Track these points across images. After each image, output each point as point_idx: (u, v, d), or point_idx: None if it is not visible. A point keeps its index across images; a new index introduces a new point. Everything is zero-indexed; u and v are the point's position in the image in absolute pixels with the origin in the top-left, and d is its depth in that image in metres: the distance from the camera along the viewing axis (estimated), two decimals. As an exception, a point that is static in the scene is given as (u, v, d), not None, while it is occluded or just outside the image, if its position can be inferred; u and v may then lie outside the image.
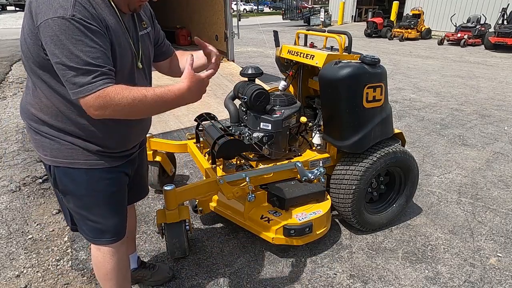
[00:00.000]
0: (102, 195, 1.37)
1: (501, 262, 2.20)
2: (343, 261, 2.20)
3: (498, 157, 3.72)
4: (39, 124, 1.29)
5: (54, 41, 1.05)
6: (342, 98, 2.10)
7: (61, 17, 1.04)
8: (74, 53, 1.05)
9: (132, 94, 1.12)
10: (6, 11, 27.38)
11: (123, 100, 1.10)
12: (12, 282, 2.03)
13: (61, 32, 1.04)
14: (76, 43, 1.05)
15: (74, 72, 1.07)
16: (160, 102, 1.17)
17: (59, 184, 1.35)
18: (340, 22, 20.71)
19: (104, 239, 1.44)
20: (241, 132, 2.32)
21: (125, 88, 1.12)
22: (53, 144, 1.29)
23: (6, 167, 3.39)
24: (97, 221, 1.41)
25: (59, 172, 1.32)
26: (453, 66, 8.98)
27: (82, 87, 1.07)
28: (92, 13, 1.10)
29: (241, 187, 2.09)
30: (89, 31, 1.08)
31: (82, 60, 1.06)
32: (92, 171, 1.32)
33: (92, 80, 1.07)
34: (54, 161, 1.30)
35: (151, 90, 1.16)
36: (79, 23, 1.06)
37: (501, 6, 13.12)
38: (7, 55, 9.64)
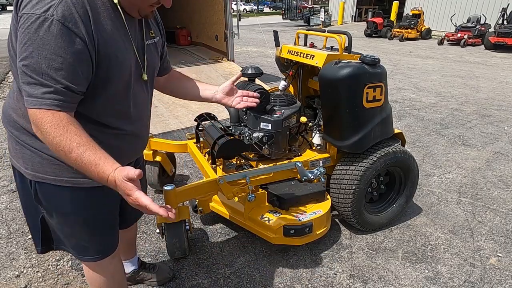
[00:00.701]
0: (89, 214, 1.26)
1: (501, 262, 2.21)
2: (343, 261, 2.20)
3: (498, 157, 3.72)
4: (20, 133, 1.15)
5: (21, 39, 0.94)
6: (342, 98, 2.10)
7: (38, 15, 0.93)
8: (36, 58, 0.93)
9: (60, 139, 0.96)
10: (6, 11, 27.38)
11: (49, 136, 0.96)
12: (12, 282, 2.02)
13: (32, 32, 0.93)
14: (43, 47, 0.93)
15: (29, 79, 0.95)
16: (80, 167, 0.98)
17: (42, 200, 1.22)
18: (340, 22, 20.70)
19: (89, 256, 1.35)
20: (241, 132, 2.32)
21: (60, 126, 0.96)
22: (35, 157, 1.15)
23: (6, 167, 3.39)
24: (82, 238, 1.31)
25: (42, 188, 1.19)
26: (453, 66, 8.98)
27: (29, 97, 0.96)
28: (77, 15, 0.96)
29: (241, 187, 2.09)
30: (65, 38, 0.94)
31: (41, 69, 0.94)
32: (78, 190, 1.19)
33: (41, 94, 0.95)
34: (35, 175, 1.17)
35: (81, 149, 0.96)
36: (55, 25, 0.93)
37: (501, 6, 13.11)
38: (7, 55, 9.62)
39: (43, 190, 1.19)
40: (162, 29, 1.39)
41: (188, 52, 7.55)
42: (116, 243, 1.43)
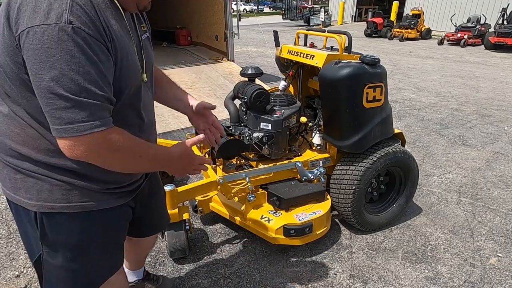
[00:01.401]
0: (99, 239, 1.15)
1: (501, 262, 2.20)
2: (343, 261, 2.20)
3: (498, 157, 3.72)
4: (21, 161, 0.99)
5: (39, 58, 0.79)
6: (342, 98, 2.10)
7: (53, 24, 0.78)
8: (68, 76, 0.80)
9: (137, 147, 0.95)
10: (6, 11, 27.34)
11: (127, 148, 0.91)
12: (12, 282, 2.02)
13: (52, 45, 0.78)
14: (71, 62, 0.80)
15: (63, 103, 0.81)
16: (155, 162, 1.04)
17: (50, 235, 1.05)
18: (340, 22, 20.70)
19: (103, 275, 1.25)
20: (241, 132, 2.32)
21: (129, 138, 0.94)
22: (41, 184, 1.00)
23: (6, 167, 3.39)
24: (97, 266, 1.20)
25: (51, 219, 1.03)
26: (453, 66, 8.98)
27: (70, 125, 0.82)
28: (93, 17, 0.85)
29: (241, 187, 2.09)
30: (89, 47, 0.82)
31: (78, 86, 0.81)
32: (89, 214, 1.07)
33: (86, 117, 0.83)
34: (42, 206, 1.01)
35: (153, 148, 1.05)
36: (77, 34, 0.80)
37: (501, 6, 13.11)
38: (7, 55, 9.63)
39: (52, 221, 1.04)
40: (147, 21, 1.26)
41: (188, 52, 7.56)
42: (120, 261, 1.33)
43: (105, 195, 1.09)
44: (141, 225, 1.45)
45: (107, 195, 1.10)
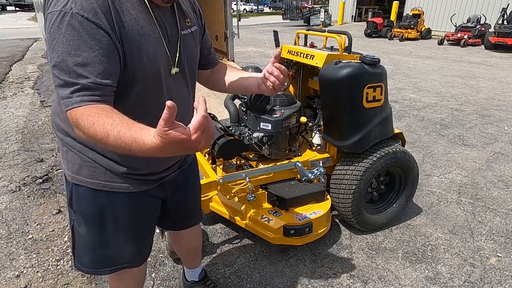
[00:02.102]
0: (121, 220, 1.21)
1: (501, 262, 2.20)
2: (343, 261, 2.20)
3: (498, 157, 3.72)
4: (64, 135, 1.15)
5: (48, 39, 0.90)
6: (342, 98, 2.10)
7: (58, 12, 0.88)
8: (61, 57, 0.89)
9: (94, 127, 0.87)
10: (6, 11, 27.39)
11: (86, 129, 0.89)
12: (12, 282, 2.02)
13: (55, 29, 0.88)
14: (67, 44, 0.88)
15: (58, 80, 0.91)
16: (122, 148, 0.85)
17: (75, 204, 1.19)
18: (340, 22, 20.71)
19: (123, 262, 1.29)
20: (241, 132, 2.32)
21: (91, 115, 0.88)
22: (76, 158, 1.14)
23: (6, 167, 3.39)
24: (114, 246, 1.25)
25: (77, 190, 1.17)
26: (453, 66, 8.98)
27: (62, 100, 0.92)
28: (96, 6, 0.91)
29: (241, 187, 2.09)
30: (86, 31, 0.89)
31: (67, 67, 0.89)
32: (113, 194, 1.16)
33: (70, 94, 0.90)
34: (74, 177, 1.16)
35: (116, 130, 0.84)
36: (75, 19, 0.88)
37: (501, 6, 13.12)
38: (7, 55, 9.64)
39: (79, 192, 1.17)
40: (201, 17, 1.28)
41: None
42: (144, 255, 1.37)
43: (127, 179, 1.16)
44: (175, 218, 1.48)
45: (129, 179, 1.16)
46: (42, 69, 7.98)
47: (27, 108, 5.23)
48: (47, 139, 4.08)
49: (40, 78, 7.12)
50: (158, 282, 2.03)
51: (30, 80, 7.00)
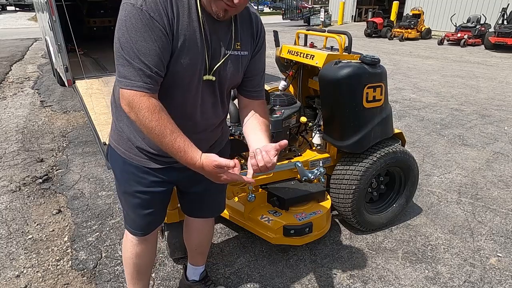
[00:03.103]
0: (129, 188, 1.39)
1: (501, 262, 2.20)
2: (343, 261, 2.20)
3: (498, 157, 3.72)
4: (114, 100, 1.34)
5: (118, 25, 1.07)
6: (342, 98, 2.10)
7: (132, 4, 1.04)
8: (130, 44, 1.05)
9: (158, 123, 1.09)
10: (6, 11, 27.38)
11: (146, 119, 1.08)
12: (12, 282, 2.03)
13: (126, 18, 1.04)
14: (135, 35, 1.05)
15: (123, 60, 1.07)
16: (172, 151, 1.13)
17: (109, 159, 1.45)
18: (340, 22, 20.70)
19: (127, 225, 1.51)
20: (241, 132, 2.32)
21: (158, 112, 1.09)
22: (113, 124, 1.37)
23: (6, 167, 3.39)
24: (123, 207, 1.49)
25: (110, 150, 1.41)
26: (453, 66, 8.98)
27: (123, 78, 1.08)
28: (163, 8, 1.06)
29: (241, 187, 2.09)
30: (150, 27, 1.05)
31: (134, 53, 1.05)
32: (127, 163, 1.34)
33: (133, 77, 1.07)
34: (109, 139, 1.41)
35: (174, 135, 1.10)
36: (144, 15, 1.04)
37: (501, 6, 13.11)
38: (7, 55, 9.64)
39: (111, 152, 1.42)
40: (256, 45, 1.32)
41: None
42: (149, 229, 1.51)
43: (142, 154, 1.31)
44: (186, 203, 1.63)
45: (143, 155, 1.32)
46: (42, 69, 7.98)
47: (27, 108, 5.23)
48: (47, 139, 4.08)
49: (40, 78, 7.12)
50: (158, 282, 2.03)
51: (30, 80, 7.00)
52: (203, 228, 1.75)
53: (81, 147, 3.84)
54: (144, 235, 1.50)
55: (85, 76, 4.93)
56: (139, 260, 1.59)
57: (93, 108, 3.84)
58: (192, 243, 1.81)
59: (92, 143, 3.94)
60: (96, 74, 5.34)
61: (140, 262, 1.59)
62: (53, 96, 5.89)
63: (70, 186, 3.06)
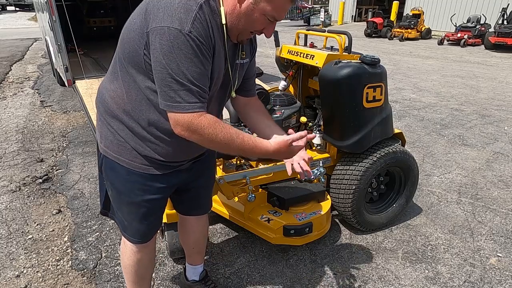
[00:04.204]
0: (135, 198, 1.36)
1: (501, 262, 2.20)
2: (343, 261, 2.20)
3: (498, 157, 3.72)
4: (105, 110, 1.30)
5: (164, 50, 1.04)
6: (342, 98, 2.10)
7: (178, 30, 1.03)
8: (181, 69, 1.05)
9: (223, 132, 1.13)
10: (6, 11, 27.39)
11: (212, 134, 1.12)
12: (12, 282, 2.03)
13: (174, 44, 1.03)
14: (186, 60, 1.05)
15: (176, 86, 1.07)
16: (243, 150, 1.19)
17: (104, 172, 1.40)
18: (340, 22, 20.70)
19: (127, 235, 1.48)
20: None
21: (218, 123, 1.13)
22: (109, 135, 1.31)
23: (6, 167, 3.39)
24: (124, 217, 1.44)
25: (106, 162, 1.35)
26: (453, 66, 8.98)
27: (179, 103, 1.08)
28: (207, 33, 1.09)
29: (241, 187, 2.09)
30: (200, 52, 1.07)
31: (187, 78, 1.06)
32: (132, 173, 1.32)
33: (190, 99, 1.08)
34: (105, 150, 1.34)
35: (241, 136, 1.16)
36: (194, 41, 1.05)
37: (501, 6, 13.11)
38: (7, 55, 9.65)
39: (107, 163, 1.36)
40: (254, 51, 1.46)
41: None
42: (152, 234, 1.52)
43: (148, 162, 1.31)
44: (187, 202, 1.63)
45: (149, 163, 1.31)
46: (42, 69, 7.98)
47: (27, 108, 5.23)
48: (47, 139, 4.08)
49: (40, 78, 7.12)
50: (158, 282, 2.03)
51: (30, 80, 7.00)
52: (197, 225, 1.76)
53: (81, 147, 3.84)
54: (145, 242, 1.50)
55: (85, 76, 4.92)
56: (140, 267, 1.58)
57: (93, 108, 3.83)
58: (189, 242, 1.82)
59: (92, 143, 3.94)
60: (96, 74, 5.34)
61: (141, 269, 1.58)
62: (53, 96, 5.89)
63: (70, 186, 3.06)
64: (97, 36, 8.42)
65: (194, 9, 1.05)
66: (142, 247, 1.52)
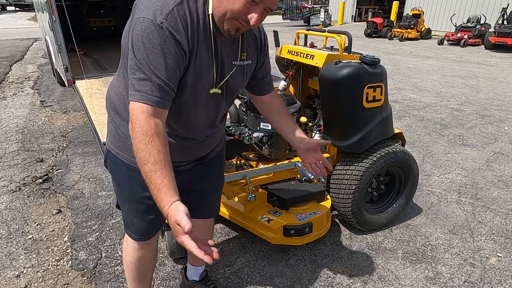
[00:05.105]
0: (135, 194, 1.36)
1: (501, 262, 2.20)
2: (343, 261, 2.20)
3: (498, 157, 3.72)
4: (111, 106, 1.33)
5: (135, 40, 1.05)
6: (342, 98, 2.10)
7: (150, 20, 1.03)
8: (145, 59, 1.04)
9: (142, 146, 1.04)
10: (6, 11, 27.39)
11: (135, 139, 1.06)
12: (12, 282, 2.03)
13: (144, 34, 1.03)
14: (153, 50, 1.04)
15: (139, 75, 1.06)
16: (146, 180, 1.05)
17: (108, 166, 1.43)
18: (340, 22, 20.70)
19: (129, 231, 1.49)
20: (241, 132, 2.32)
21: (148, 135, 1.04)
22: (112, 130, 1.34)
23: (6, 167, 3.39)
24: (126, 213, 1.46)
25: (110, 156, 1.38)
26: (453, 66, 8.98)
27: (137, 92, 1.06)
28: (181, 28, 1.06)
29: (241, 187, 2.09)
30: (170, 44, 1.05)
31: (150, 69, 1.05)
32: (132, 169, 1.29)
33: (148, 91, 1.05)
34: (109, 145, 1.37)
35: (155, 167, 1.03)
36: (164, 32, 1.03)
37: (501, 6, 13.11)
38: (7, 55, 9.65)
39: (110, 158, 1.39)
40: (262, 53, 1.40)
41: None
42: (152, 233, 1.52)
43: None
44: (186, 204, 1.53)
45: None
46: (42, 69, 7.98)
47: (27, 108, 5.23)
48: (47, 139, 4.08)
49: (40, 78, 7.12)
50: (158, 282, 2.03)
51: (30, 80, 7.00)
52: (205, 229, 1.75)
53: (81, 147, 3.84)
54: (147, 239, 1.51)
55: (85, 76, 4.93)
56: (141, 264, 1.58)
57: (93, 108, 3.84)
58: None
59: (92, 143, 3.94)
60: (96, 74, 5.34)
61: (142, 266, 1.59)
62: (53, 96, 5.89)
63: (70, 186, 3.06)
64: (97, 36, 8.42)
65: (172, 3, 1.05)
66: (144, 245, 1.52)
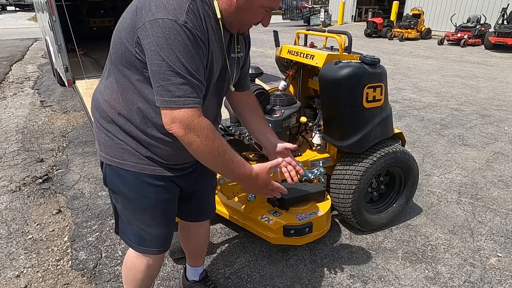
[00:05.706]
0: (149, 201, 1.30)
1: (501, 262, 2.20)
2: (343, 261, 2.20)
3: (498, 157, 3.72)
4: (101, 115, 1.25)
5: (160, 43, 0.99)
6: (342, 98, 2.10)
7: (174, 20, 0.99)
8: (181, 61, 1.00)
9: (219, 140, 1.09)
10: (6, 11, 27.39)
11: (209, 138, 1.06)
12: (12, 282, 2.03)
13: (170, 35, 0.99)
14: (185, 51, 1.00)
15: (177, 79, 1.01)
16: (228, 167, 1.13)
17: (109, 183, 1.31)
18: (340, 22, 20.70)
19: (146, 247, 1.38)
20: (241, 132, 2.32)
21: (214, 131, 1.08)
22: (107, 140, 1.25)
23: (6, 167, 3.39)
24: (141, 227, 1.35)
25: (110, 170, 1.28)
26: (453, 66, 8.98)
27: (178, 98, 1.01)
28: (200, 25, 1.06)
29: (241, 187, 2.09)
30: (196, 43, 1.03)
31: (187, 70, 1.01)
32: (141, 176, 1.25)
33: (191, 94, 1.02)
34: (106, 158, 1.26)
35: (232, 152, 1.13)
36: (190, 32, 1.01)
37: (501, 6, 13.11)
38: (7, 55, 9.65)
39: (111, 172, 1.28)
40: (248, 45, 1.43)
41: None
42: (170, 240, 1.46)
43: (154, 163, 1.25)
44: (188, 207, 1.55)
45: (155, 164, 1.26)
46: (42, 69, 7.98)
47: (27, 108, 5.23)
48: (47, 139, 4.08)
49: (40, 78, 7.12)
50: (158, 282, 2.03)
51: (30, 80, 7.00)
52: (201, 231, 1.73)
53: (81, 147, 3.84)
54: (166, 249, 1.44)
55: (85, 76, 4.93)
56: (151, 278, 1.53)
57: (93, 108, 3.84)
58: (190, 247, 1.80)
59: (92, 143, 3.94)
60: (96, 74, 5.34)
61: (150, 280, 1.54)
62: (53, 96, 5.89)
63: (70, 186, 3.06)
64: (97, 36, 8.42)
65: (187, 0, 1.03)
66: (158, 258, 1.45)
